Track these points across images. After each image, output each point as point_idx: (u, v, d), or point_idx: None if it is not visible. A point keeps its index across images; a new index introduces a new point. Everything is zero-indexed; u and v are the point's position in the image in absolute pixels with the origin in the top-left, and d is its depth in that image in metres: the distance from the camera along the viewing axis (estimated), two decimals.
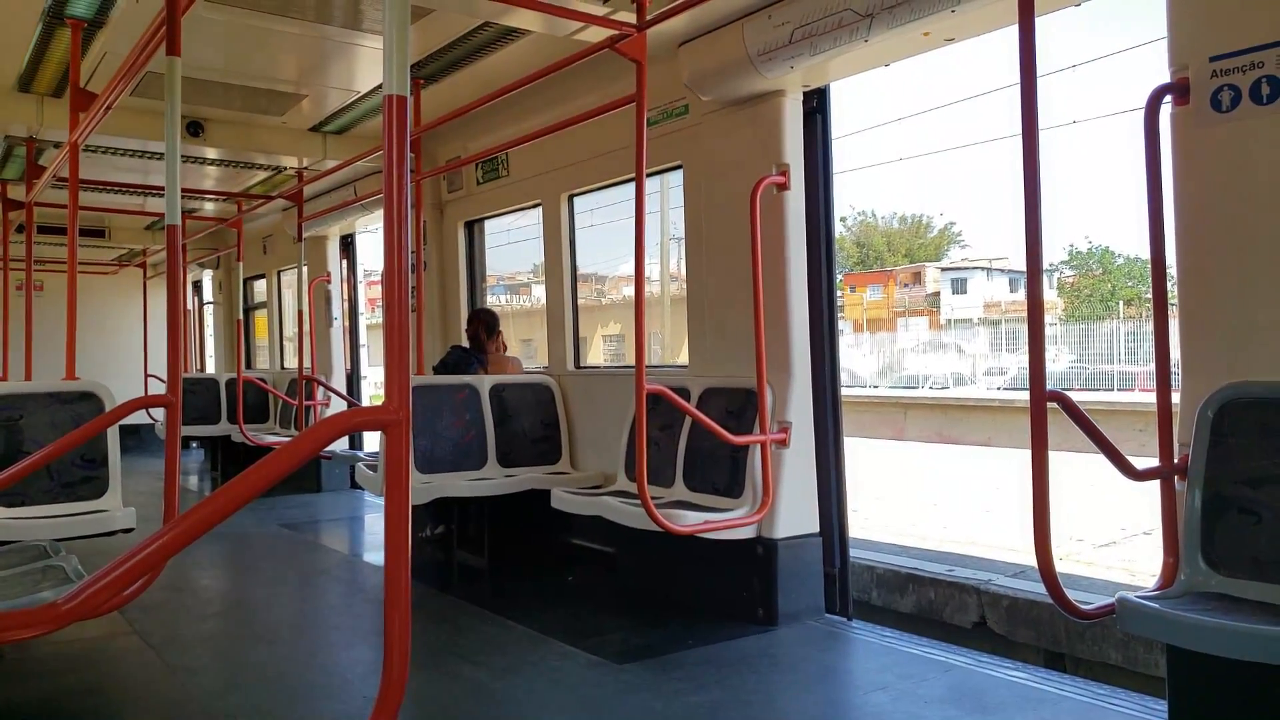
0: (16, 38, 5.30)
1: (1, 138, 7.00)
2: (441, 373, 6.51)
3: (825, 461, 4.83)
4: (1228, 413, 2.97)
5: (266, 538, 7.17)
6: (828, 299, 4.92)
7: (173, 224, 3.53)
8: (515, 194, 6.98)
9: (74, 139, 5.18)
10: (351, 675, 4.10)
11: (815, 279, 4.87)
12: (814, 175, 4.88)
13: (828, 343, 4.92)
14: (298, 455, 1.86)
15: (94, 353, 8.99)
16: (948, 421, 22.45)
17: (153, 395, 3.89)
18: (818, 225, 4.89)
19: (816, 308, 4.87)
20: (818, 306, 4.87)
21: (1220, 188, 3.08)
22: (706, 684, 3.77)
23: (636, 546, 5.14)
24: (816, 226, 4.89)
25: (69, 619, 1.76)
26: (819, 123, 4.89)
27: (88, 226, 11.49)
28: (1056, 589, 2.74)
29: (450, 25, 5.16)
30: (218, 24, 5.08)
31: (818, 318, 4.88)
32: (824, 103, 4.89)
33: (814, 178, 4.87)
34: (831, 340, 4.95)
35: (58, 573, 3.56)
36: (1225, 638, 2.56)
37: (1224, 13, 3.06)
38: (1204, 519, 2.96)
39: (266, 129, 7.27)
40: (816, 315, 4.87)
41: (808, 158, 4.84)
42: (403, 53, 1.95)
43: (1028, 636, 5.44)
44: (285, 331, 11.34)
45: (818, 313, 4.88)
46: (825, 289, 4.91)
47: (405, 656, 1.90)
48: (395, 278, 1.92)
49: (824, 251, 4.91)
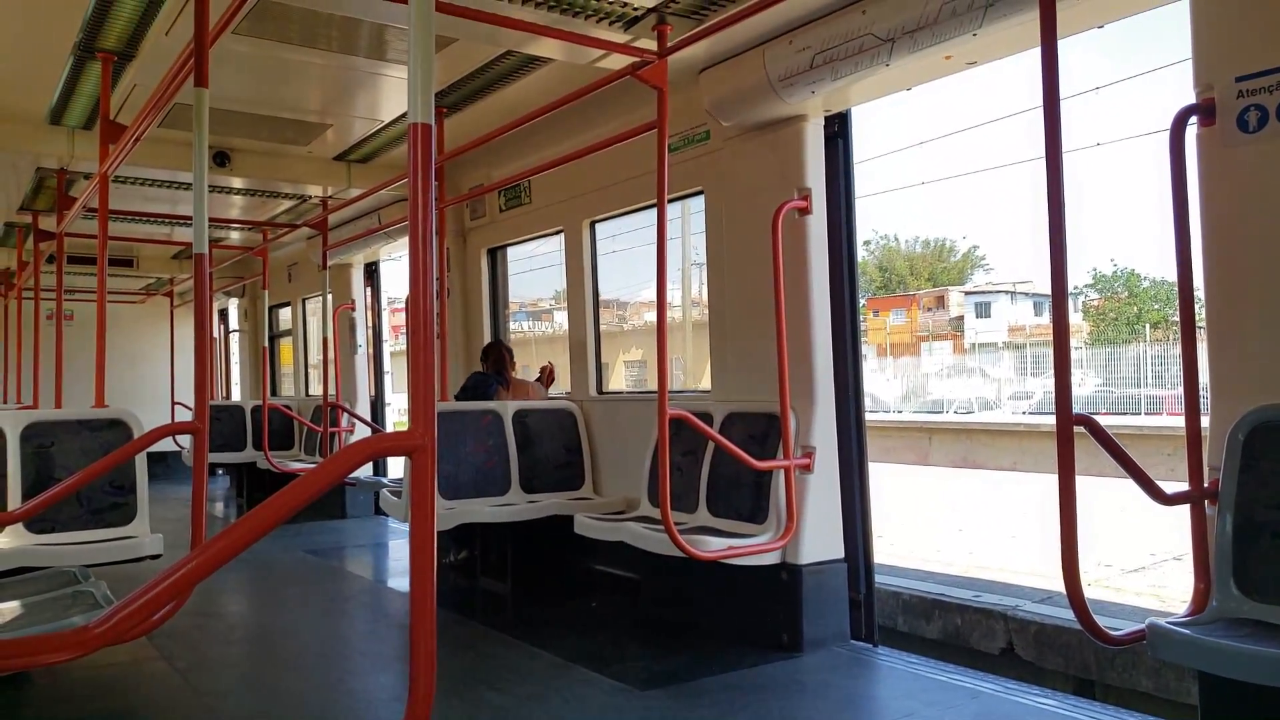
0: (49, 72, 5.40)
1: (33, 170, 7.12)
2: (463, 398, 6.55)
3: (850, 487, 4.81)
4: (1259, 436, 2.93)
5: (292, 564, 7.19)
6: (851, 323, 4.91)
7: (200, 253, 3.57)
8: (537, 221, 7.02)
9: (104, 170, 5.26)
10: (376, 701, 4.10)
11: (838, 303, 4.86)
12: (836, 199, 4.88)
13: (851, 367, 4.90)
14: (323, 481, 1.87)
15: (122, 381, 9.10)
16: (973, 446, 22.27)
17: (180, 422, 3.93)
18: (840, 249, 4.89)
19: (839, 332, 4.86)
20: (840, 331, 4.86)
21: (1247, 208, 3.06)
22: (731, 711, 3.74)
23: (660, 572, 5.13)
24: (839, 250, 4.89)
25: (99, 643, 1.77)
26: (840, 147, 4.90)
27: (116, 256, 11.64)
28: (1085, 615, 2.71)
29: (473, 54, 5.21)
30: (245, 56, 5.15)
31: (840, 342, 4.86)
32: (845, 127, 4.90)
33: (836, 202, 4.87)
34: (855, 365, 4.93)
35: (87, 598, 3.59)
36: (1259, 664, 2.52)
37: (1249, 33, 3.05)
38: (1236, 544, 2.92)
39: (292, 158, 7.35)
40: (840, 339, 4.86)
41: (829, 182, 4.84)
42: (427, 82, 1.97)
43: (1056, 663, 5.36)
44: (310, 359, 11.42)
45: (840, 337, 4.87)
46: (849, 313, 4.90)
47: (431, 683, 1.90)
48: (420, 304, 1.93)
49: (846, 275, 4.90)
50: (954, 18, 3.65)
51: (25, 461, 4.73)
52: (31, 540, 4.55)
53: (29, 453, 4.75)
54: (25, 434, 4.76)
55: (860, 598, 4.78)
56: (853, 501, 4.80)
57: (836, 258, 4.87)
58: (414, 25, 1.98)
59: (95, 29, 4.82)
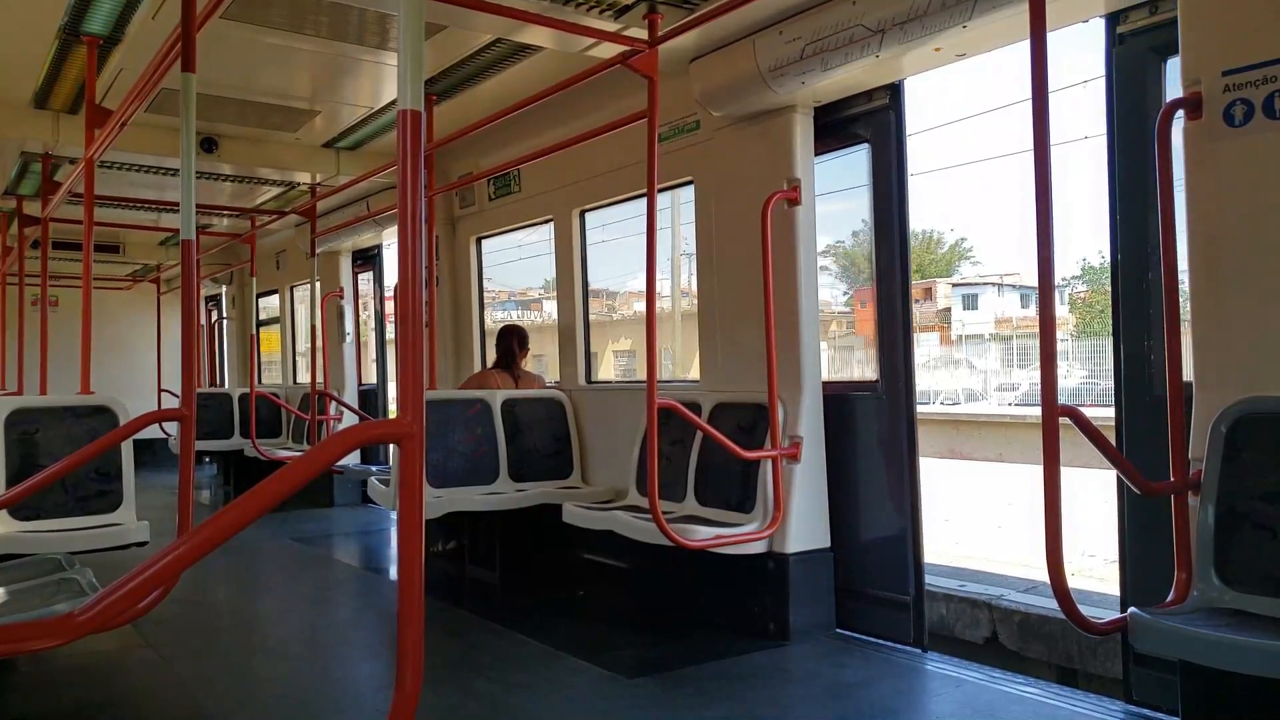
0: (33, 55, 5.35)
1: (18, 154, 7.07)
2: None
3: (899, 479, 4.71)
4: (1241, 428, 2.96)
5: (279, 552, 7.18)
6: (903, 307, 4.67)
7: (187, 239, 3.55)
8: (527, 209, 7.01)
9: (89, 155, 5.23)
10: (364, 689, 4.11)
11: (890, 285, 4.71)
12: (887, 173, 4.68)
13: (902, 355, 4.66)
14: (312, 468, 1.86)
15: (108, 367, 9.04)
16: (959, 437, 22.36)
17: (167, 409, 3.90)
18: (892, 227, 4.69)
19: (889, 318, 4.68)
20: (891, 317, 4.67)
21: (1234, 202, 3.08)
22: (718, 698, 3.76)
23: (648, 561, 5.14)
24: (890, 225, 4.69)
25: (84, 630, 1.77)
26: (893, 120, 4.80)
27: (102, 242, 11.58)
28: (1069, 604, 2.73)
29: (463, 41, 5.19)
30: (232, 41, 5.12)
31: (891, 329, 4.67)
32: (898, 99, 4.76)
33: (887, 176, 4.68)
34: (907, 353, 4.67)
35: (72, 586, 3.58)
36: (1239, 653, 2.54)
37: (1237, 27, 3.06)
38: (1218, 534, 2.94)
39: (280, 145, 7.32)
40: (890, 326, 4.67)
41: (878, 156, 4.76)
42: (417, 68, 1.96)
43: (1039, 652, 5.40)
44: (298, 347, 11.39)
45: (891, 324, 4.67)
46: (901, 298, 4.68)
47: (419, 670, 1.90)
48: (409, 292, 1.93)
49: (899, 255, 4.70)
50: (944, 10, 3.65)
51: (10, 448, 4.71)
52: (16, 527, 4.53)
53: (14, 439, 4.72)
54: (10, 420, 4.74)
55: (910, 600, 4.55)
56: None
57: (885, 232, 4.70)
58: (404, 11, 1.97)
59: (81, 12, 4.78)
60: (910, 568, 4.58)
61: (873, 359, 4.91)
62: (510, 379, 6.55)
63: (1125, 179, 3.71)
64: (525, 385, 6.58)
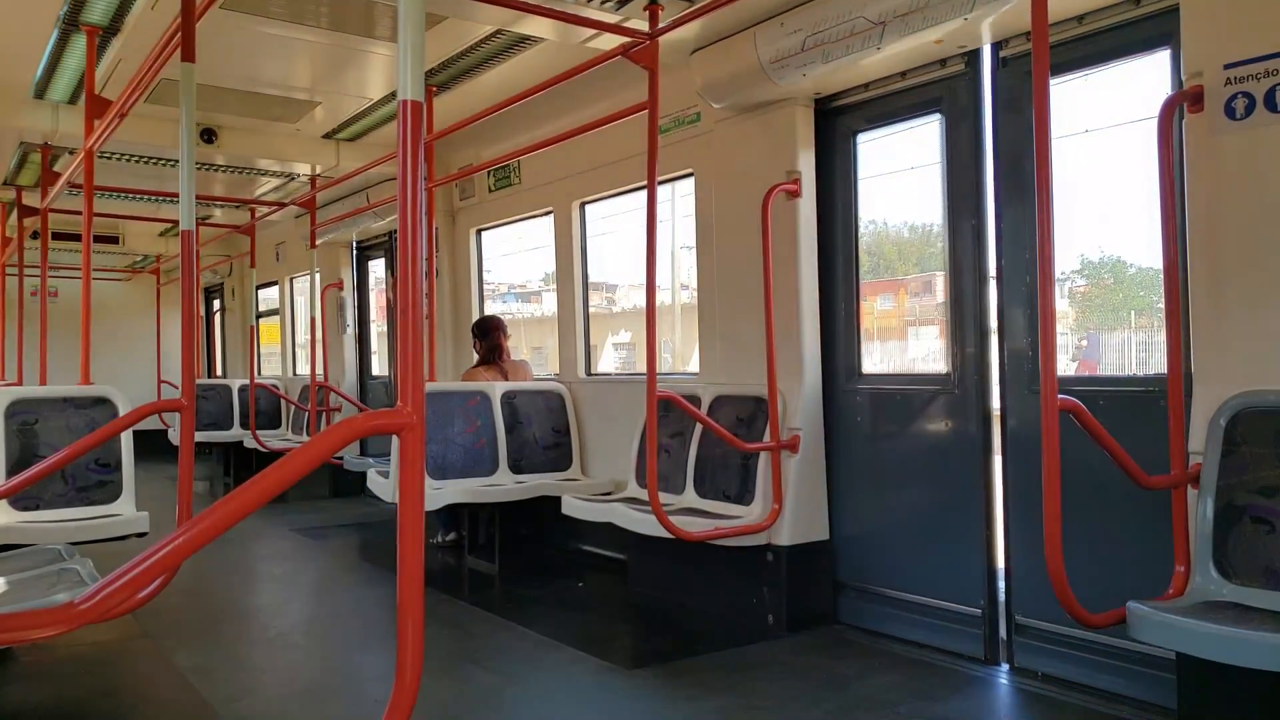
0: (32, 45, 5.34)
1: (17, 144, 7.05)
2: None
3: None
4: (1240, 421, 2.96)
5: (279, 542, 7.18)
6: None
7: (187, 230, 3.54)
8: (527, 201, 7.00)
9: (89, 145, 5.22)
10: (364, 679, 4.11)
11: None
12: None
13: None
14: (312, 458, 1.86)
15: (108, 358, 9.06)
16: None
17: (166, 400, 3.89)
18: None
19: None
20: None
21: (1234, 195, 3.07)
22: (717, 689, 3.77)
23: (647, 553, 5.15)
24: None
25: (85, 619, 1.77)
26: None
27: (102, 233, 11.55)
28: (1067, 595, 2.73)
29: (463, 33, 5.18)
30: (232, 31, 5.11)
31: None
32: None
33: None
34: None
35: (72, 576, 3.58)
36: (1236, 646, 2.55)
37: (1239, 20, 3.05)
38: (1216, 527, 2.95)
39: (280, 136, 7.30)
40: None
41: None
42: (418, 59, 1.96)
43: None
44: (297, 338, 11.38)
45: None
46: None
47: (418, 661, 1.90)
48: (410, 283, 1.92)
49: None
50: (946, 1, 3.64)
51: (9, 438, 4.71)
52: (16, 517, 4.53)
53: (13, 430, 4.73)
54: (10, 411, 4.74)
55: (984, 612, 4.11)
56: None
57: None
58: (404, 2, 1.97)
59: (81, 1, 4.76)
60: (984, 581, 4.13)
61: (942, 351, 4.67)
62: (499, 374, 6.53)
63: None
64: (515, 375, 6.57)
